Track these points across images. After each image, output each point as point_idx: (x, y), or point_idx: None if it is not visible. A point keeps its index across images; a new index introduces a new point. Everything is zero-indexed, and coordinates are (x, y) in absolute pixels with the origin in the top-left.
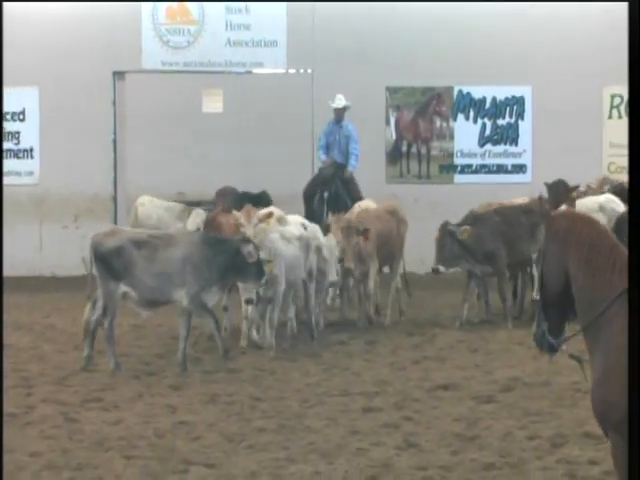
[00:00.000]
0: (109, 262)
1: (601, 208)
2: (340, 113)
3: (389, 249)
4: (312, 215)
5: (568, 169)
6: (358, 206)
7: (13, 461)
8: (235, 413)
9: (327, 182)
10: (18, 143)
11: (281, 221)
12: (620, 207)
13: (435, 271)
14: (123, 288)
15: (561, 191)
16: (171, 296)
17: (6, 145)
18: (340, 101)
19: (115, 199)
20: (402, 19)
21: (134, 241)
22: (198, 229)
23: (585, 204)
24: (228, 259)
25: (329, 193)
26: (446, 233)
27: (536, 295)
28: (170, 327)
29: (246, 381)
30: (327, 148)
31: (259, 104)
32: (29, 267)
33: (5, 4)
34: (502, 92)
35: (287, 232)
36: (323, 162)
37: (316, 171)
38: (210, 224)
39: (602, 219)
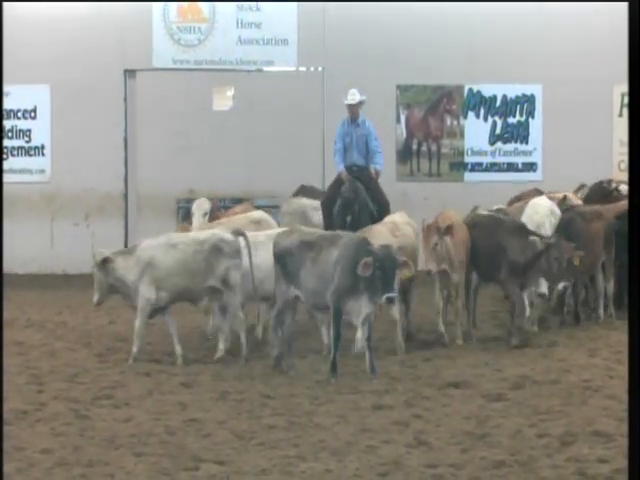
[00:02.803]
0: (282, 262)
1: (552, 213)
2: (355, 110)
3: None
4: (331, 225)
5: (578, 167)
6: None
7: (24, 458)
8: (245, 410)
9: (354, 190)
10: (29, 141)
11: (261, 223)
12: (557, 211)
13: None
14: (294, 291)
15: (600, 193)
16: (326, 300)
17: (17, 142)
18: (354, 96)
19: (126, 197)
20: (413, 17)
21: (304, 242)
22: (205, 214)
23: (539, 208)
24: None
25: (358, 202)
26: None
27: None
28: (181, 325)
29: (256, 379)
30: (344, 151)
31: (269, 102)
32: (40, 265)
33: (17, 3)
34: (512, 90)
35: (175, 238)
36: (339, 171)
37: (326, 170)
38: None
39: (554, 222)
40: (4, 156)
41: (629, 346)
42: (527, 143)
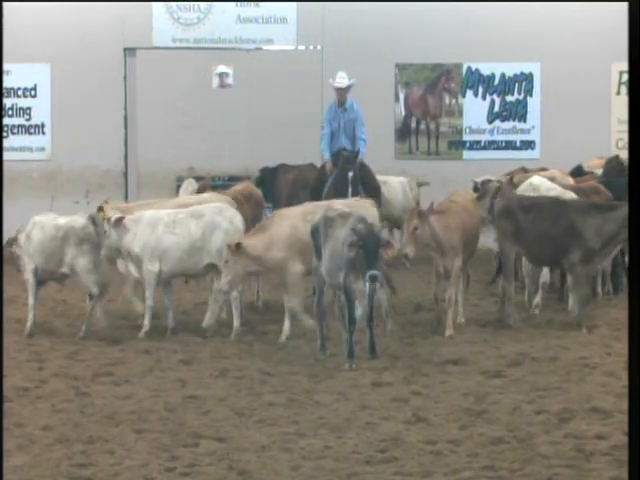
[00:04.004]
0: (313, 239)
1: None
2: (343, 94)
3: (471, 247)
4: None
5: (576, 145)
6: None
7: (25, 435)
8: (245, 387)
9: (348, 162)
10: (30, 119)
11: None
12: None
13: None
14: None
15: (616, 168)
16: (339, 279)
17: (18, 121)
18: (343, 79)
19: (126, 174)
20: None
21: (327, 218)
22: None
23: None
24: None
25: (353, 173)
26: None
27: None
28: (180, 302)
29: (256, 356)
30: (331, 137)
31: (269, 80)
32: None
33: None
34: (511, 68)
35: (47, 219)
36: (325, 161)
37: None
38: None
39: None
40: (4, 134)
41: (629, 322)
42: (525, 121)
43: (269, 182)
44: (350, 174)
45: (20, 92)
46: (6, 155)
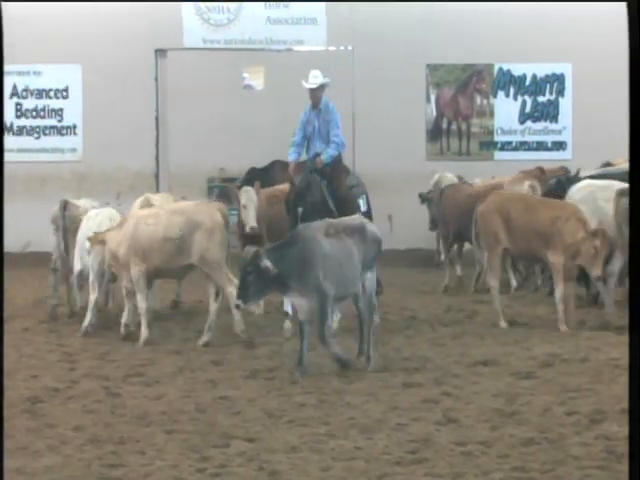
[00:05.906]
0: None
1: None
2: (317, 95)
3: None
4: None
5: (608, 146)
6: None
7: (56, 435)
8: (275, 388)
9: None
10: (61, 120)
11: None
12: None
13: None
14: None
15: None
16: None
17: (49, 122)
18: (315, 79)
19: (157, 176)
20: None
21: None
22: (244, 207)
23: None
24: None
25: (304, 210)
26: None
27: None
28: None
29: (286, 357)
30: (302, 142)
31: (299, 82)
32: None
33: None
34: (542, 69)
35: None
36: (289, 162)
37: (356, 149)
38: None
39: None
40: (36, 135)
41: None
42: (557, 122)
43: (262, 180)
44: (299, 210)
45: (52, 93)
46: (38, 156)
